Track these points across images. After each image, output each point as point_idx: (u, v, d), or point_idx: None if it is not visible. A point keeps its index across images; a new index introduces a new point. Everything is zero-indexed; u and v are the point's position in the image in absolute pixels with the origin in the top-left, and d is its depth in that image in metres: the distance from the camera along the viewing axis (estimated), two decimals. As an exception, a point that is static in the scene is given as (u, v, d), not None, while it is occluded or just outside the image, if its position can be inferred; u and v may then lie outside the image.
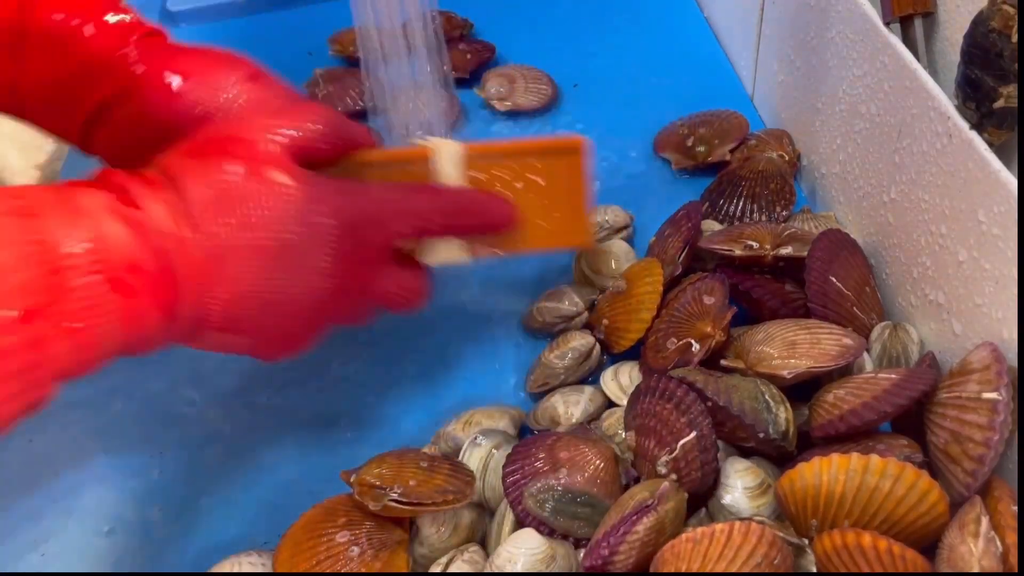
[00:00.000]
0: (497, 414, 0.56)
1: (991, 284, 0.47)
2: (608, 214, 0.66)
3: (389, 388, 0.61)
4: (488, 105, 0.79)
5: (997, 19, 0.45)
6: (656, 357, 0.55)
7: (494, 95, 0.79)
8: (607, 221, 0.66)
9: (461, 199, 0.53)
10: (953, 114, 0.49)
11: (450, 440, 0.55)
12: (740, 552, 0.42)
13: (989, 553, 0.41)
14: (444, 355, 0.62)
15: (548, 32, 0.87)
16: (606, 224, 0.66)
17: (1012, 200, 0.44)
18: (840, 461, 0.44)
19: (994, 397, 0.44)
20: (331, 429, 0.59)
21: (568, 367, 0.58)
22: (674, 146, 0.74)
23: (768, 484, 0.49)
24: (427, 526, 0.50)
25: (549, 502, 0.49)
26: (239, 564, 0.50)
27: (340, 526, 0.49)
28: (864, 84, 0.58)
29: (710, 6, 0.88)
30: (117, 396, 0.61)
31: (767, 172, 0.67)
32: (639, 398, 0.51)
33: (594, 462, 0.50)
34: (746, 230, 0.59)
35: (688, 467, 0.48)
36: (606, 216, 0.66)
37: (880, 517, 0.44)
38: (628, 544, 0.44)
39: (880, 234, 0.60)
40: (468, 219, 0.53)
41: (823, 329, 0.52)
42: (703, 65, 0.83)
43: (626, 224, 0.67)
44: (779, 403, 0.50)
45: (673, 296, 0.59)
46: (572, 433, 0.53)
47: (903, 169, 0.55)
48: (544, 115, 0.79)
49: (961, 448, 0.45)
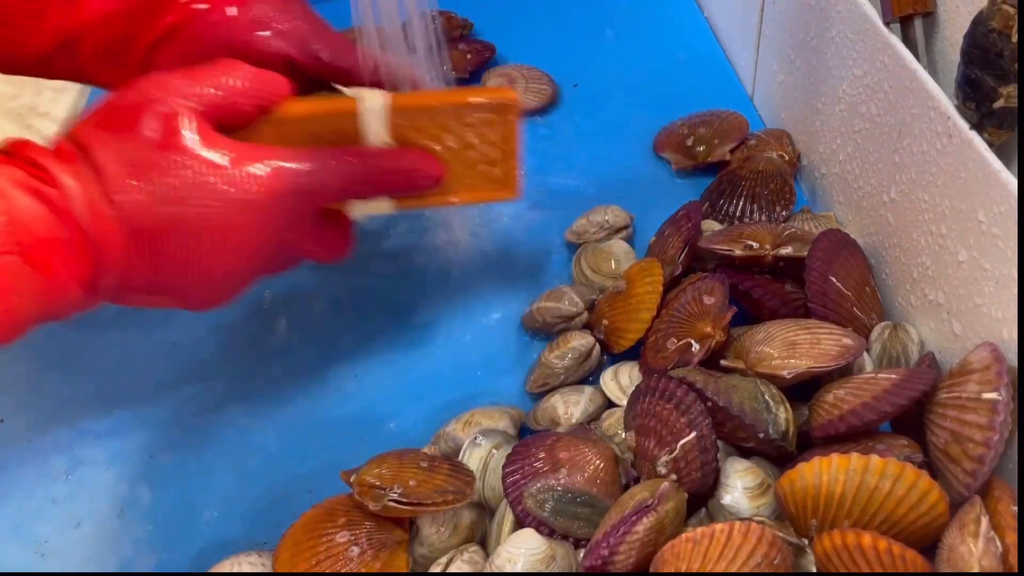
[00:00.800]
0: (497, 414, 0.56)
1: (991, 284, 0.47)
2: (608, 214, 0.66)
3: (389, 388, 0.61)
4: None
5: (997, 19, 0.45)
6: (656, 357, 0.55)
7: None
8: (607, 221, 0.66)
9: (387, 162, 0.52)
10: (953, 114, 0.49)
11: (450, 440, 0.55)
12: (740, 552, 0.42)
13: (989, 553, 0.41)
14: (444, 355, 0.62)
15: (548, 32, 0.87)
16: (606, 224, 0.66)
17: (1012, 200, 0.44)
18: (840, 461, 0.44)
19: (994, 397, 0.44)
20: (331, 429, 0.59)
21: (568, 367, 0.58)
22: (674, 146, 0.74)
23: (768, 484, 0.49)
24: (427, 526, 0.50)
25: (549, 502, 0.49)
26: (239, 564, 0.50)
27: (340, 526, 0.49)
28: (864, 84, 0.58)
29: (710, 6, 0.88)
30: (117, 395, 0.61)
31: (767, 172, 0.67)
32: (639, 398, 0.51)
33: (594, 462, 0.50)
34: (746, 230, 0.59)
35: (688, 467, 0.48)
36: (606, 216, 0.66)
37: (880, 517, 0.44)
38: (628, 544, 0.44)
39: (880, 234, 0.60)
40: (395, 181, 0.52)
41: (823, 329, 0.52)
42: (703, 65, 0.83)
43: (626, 224, 0.67)
44: (779, 403, 0.50)
45: (673, 296, 0.59)
46: (572, 433, 0.53)
47: (903, 169, 0.55)
48: (544, 115, 0.79)
49: (961, 448, 0.45)
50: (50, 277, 0.41)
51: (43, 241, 0.40)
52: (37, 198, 0.41)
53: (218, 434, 0.59)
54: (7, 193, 0.40)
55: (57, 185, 0.42)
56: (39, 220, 0.41)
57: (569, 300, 0.61)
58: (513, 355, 0.62)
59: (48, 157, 0.43)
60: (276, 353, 0.63)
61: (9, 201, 0.40)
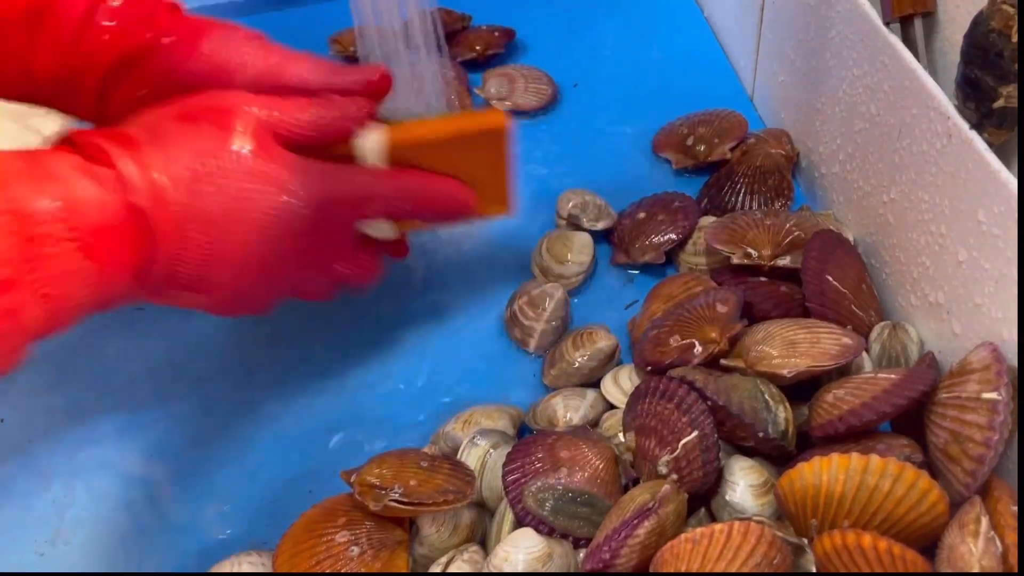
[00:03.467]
0: (496, 413, 0.56)
1: (991, 284, 0.47)
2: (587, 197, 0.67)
3: (388, 388, 0.61)
4: (488, 105, 0.79)
5: (997, 19, 0.45)
6: (655, 350, 0.55)
7: (494, 95, 0.79)
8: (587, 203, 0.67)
9: (429, 186, 0.54)
10: (953, 114, 0.49)
11: (450, 440, 0.55)
12: (740, 552, 0.42)
13: (989, 553, 0.41)
14: (444, 354, 0.62)
15: (548, 32, 0.87)
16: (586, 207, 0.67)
17: (1012, 200, 0.44)
18: (840, 461, 0.44)
19: (994, 397, 0.44)
20: (331, 429, 0.59)
21: (593, 368, 0.58)
22: (674, 146, 0.74)
23: (771, 483, 0.49)
24: (427, 526, 0.50)
25: (549, 501, 0.49)
26: (239, 564, 0.50)
27: (340, 526, 0.49)
28: (864, 84, 0.58)
29: (710, 6, 0.88)
30: (117, 396, 0.61)
31: (765, 167, 0.68)
32: (639, 399, 0.51)
33: (594, 462, 0.50)
34: (748, 233, 0.59)
35: (690, 466, 0.48)
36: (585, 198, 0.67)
37: (880, 517, 0.44)
38: (629, 548, 0.44)
39: (880, 234, 0.60)
40: (433, 206, 0.54)
41: (823, 328, 0.52)
42: (703, 65, 0.83)
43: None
44: (778, 402, 0.50)
45: (681, 293, 0.59)
46: (572, 433, 0.53)
47: (903, 169, 0.55)
48: (544, 115, 0.79)
49: (961, 448, 0.45)
50: (103, 264, 0.42)
51: (99, 228, 0.41)
52: (96, 181, 0.41)
53: (218, 434, 0.59)
54: (65, 178, 0.41)
55: (117, 169, 0.42)
56: (95, 204, 0.41)
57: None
58: (513, 352, 0.62)
59: (113, 142, 0.43)
60: (275, 353, 0.63)
61: (66, 186, 0.41)
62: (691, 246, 0.64)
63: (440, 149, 0.54)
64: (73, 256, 0.40)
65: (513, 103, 0.78)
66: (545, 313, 0.60)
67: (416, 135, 0.54)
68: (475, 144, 0.54)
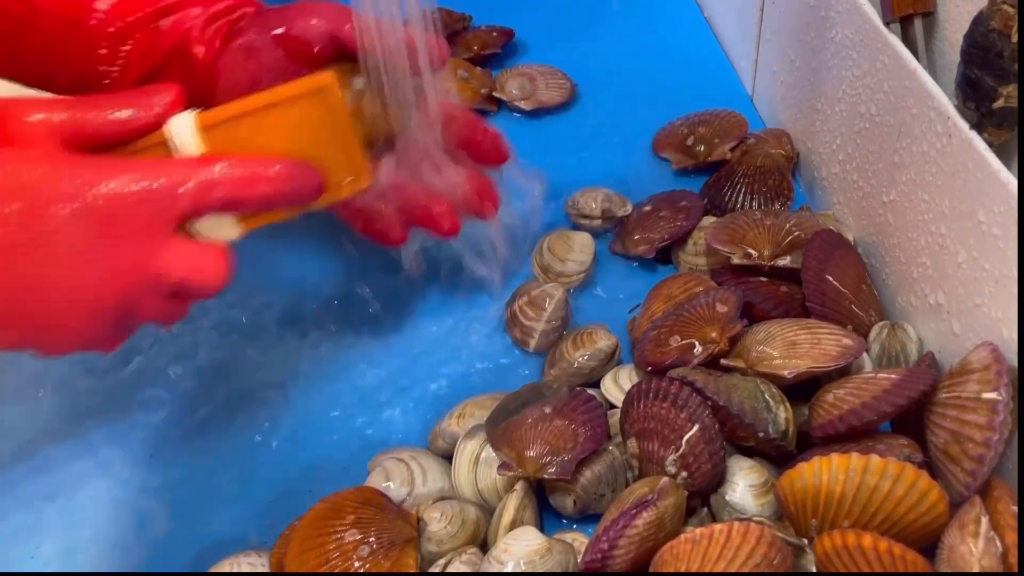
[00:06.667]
0: (490, 403, 0.56)
1: (991, 284, 0.47)
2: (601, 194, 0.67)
3: (387, 388, 0.61)
4: (510, 106, 0.79)
5: (997, 19, 0.45)
6: (655, 351, 0.55)
7: (517, 95, 0.78)
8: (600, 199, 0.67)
9: (246, 168, 0.46)
10: (953, 114, 0.49)
11: (447, 436, 0.55)
12: (739, 552, 0.42)
13: (989, 553, 0.41)
14: (443, 352, 0.62)
15: (547, 32, 0.87)
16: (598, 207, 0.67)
17: (1012, 200, 0.44)
18: (840, 461, 0.44)
19: (994, 397, 0.44)
20: (330, 429, 0.59)
21: (594, 367, 0.58)
22: (674, 146, 0.74)
23: (771, 483, 0.49)
24: (434, 522, 0.50)
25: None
26: (238, 564, 0.50)
27: (349, 524, 0.48)
28: (864, 84, 0.58)
29: (710, 6, 0.88)
30: (117, 395, 0.61)
31: (765, 168, 0.68)
32: (633, 403, 0.51)
33: None
34: (748, 233, 0.59)
35: (697, 460, 0.48)
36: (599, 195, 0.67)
37: (880, 517, 0.44)
38: (628, 538, 0.45)
39: (880, 234, 0.60)
40: (259, 190, 0.46)
41: (823, 329, 0.52)
42: (703, 65, 0.83)
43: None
44: (779, 402, 0.50)
45: (681, 293, 0.59)
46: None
47: (903, 169, 0.55)
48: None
49: (961, 448, 0.45)
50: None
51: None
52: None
53: (217, 434, 0.59)
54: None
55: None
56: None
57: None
58: (513, 352, 0.62)
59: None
60: (272, 354, 0.63)
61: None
62: (691, 246, 0.64)
63: (261, 124, 0.47)
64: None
65: (536, 100, 0.78)
66: (545, 313, 0.60)
67: (228, 112, 0.47)
68: (303, 112, 0.48)
